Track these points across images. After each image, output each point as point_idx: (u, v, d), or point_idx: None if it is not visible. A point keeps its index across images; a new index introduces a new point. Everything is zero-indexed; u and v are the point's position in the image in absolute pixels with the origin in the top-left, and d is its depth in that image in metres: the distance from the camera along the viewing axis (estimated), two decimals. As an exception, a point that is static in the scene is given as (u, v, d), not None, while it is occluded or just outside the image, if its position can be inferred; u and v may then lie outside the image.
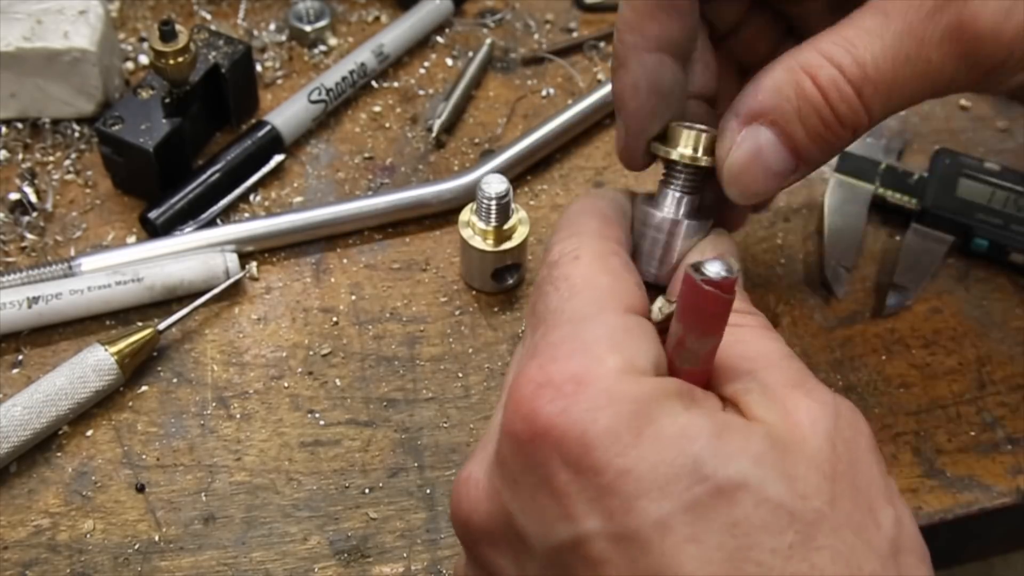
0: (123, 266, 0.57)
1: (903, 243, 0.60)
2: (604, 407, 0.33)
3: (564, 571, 0.33)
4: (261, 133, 0.63)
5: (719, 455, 0.32)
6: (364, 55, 0.67)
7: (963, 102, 0.68)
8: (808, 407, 0.35)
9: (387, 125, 0.67)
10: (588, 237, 0.40)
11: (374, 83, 0.68)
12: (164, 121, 0.59)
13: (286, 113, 0.64)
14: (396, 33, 0.69)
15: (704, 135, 0.43)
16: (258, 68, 0.68)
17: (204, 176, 0.61)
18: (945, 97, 0.44)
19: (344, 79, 0.66)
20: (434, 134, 0.65)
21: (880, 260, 0.60)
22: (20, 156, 0.63)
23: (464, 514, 0.37)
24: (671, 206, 0.43)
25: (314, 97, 0.64)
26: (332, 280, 0.59)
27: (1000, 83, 0.41)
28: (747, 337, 0.38)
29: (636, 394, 0.33)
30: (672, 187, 0.44)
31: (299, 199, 0.62)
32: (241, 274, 0.58)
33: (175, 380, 0.55)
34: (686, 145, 0.43)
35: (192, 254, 0.58)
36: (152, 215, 0.59)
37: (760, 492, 0.32)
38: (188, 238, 0.58)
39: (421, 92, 0.68)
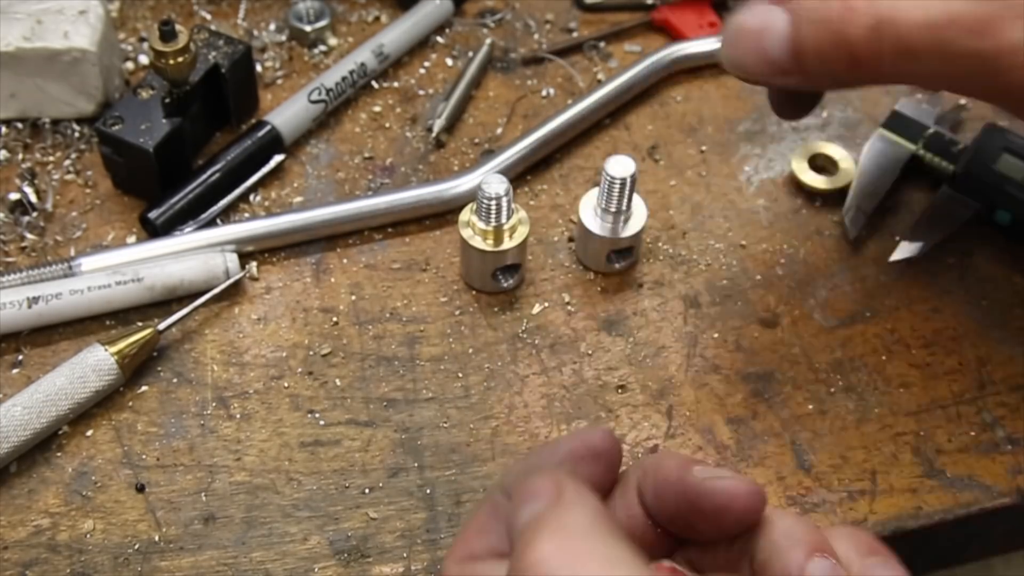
0: (123, 266, 0.57)
1: (928, 201, 0.61)
2: None
3: None
4: (261, 133, 0.63)
5: None
6: (364, 55, 0.67)
7: None
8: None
9: (387, 125, 0.67)
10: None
11: (374, 83, 0.68)
12: (164, 121, 0.59)
13: (286, 113, 0.64)
14: (396, 33, 0.69)
15: None
16: (258, 68, 0.68)
17: (204, 176, 0.61)
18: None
19: (344, 79, 0.66)
20: (434, 134, 0.65)
21: (901, 215, 0.62)
22: (20, 156, 0.63)
23: None
24: None
25: (314, 97, 0.64)
26: (332, 280, 0.59)
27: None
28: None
29: None
30: None
31: (299, 199, 0.62)
32: (241, 274, 0.58)
33: (175, 380, 0.55)
34: None
35: (192, 254, 0.58)
36: (152, 215, 0.59)
37: None
38: (188, 238, 0.58)
39: (421, 92, 0.68)
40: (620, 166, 0.55)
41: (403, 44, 0.69)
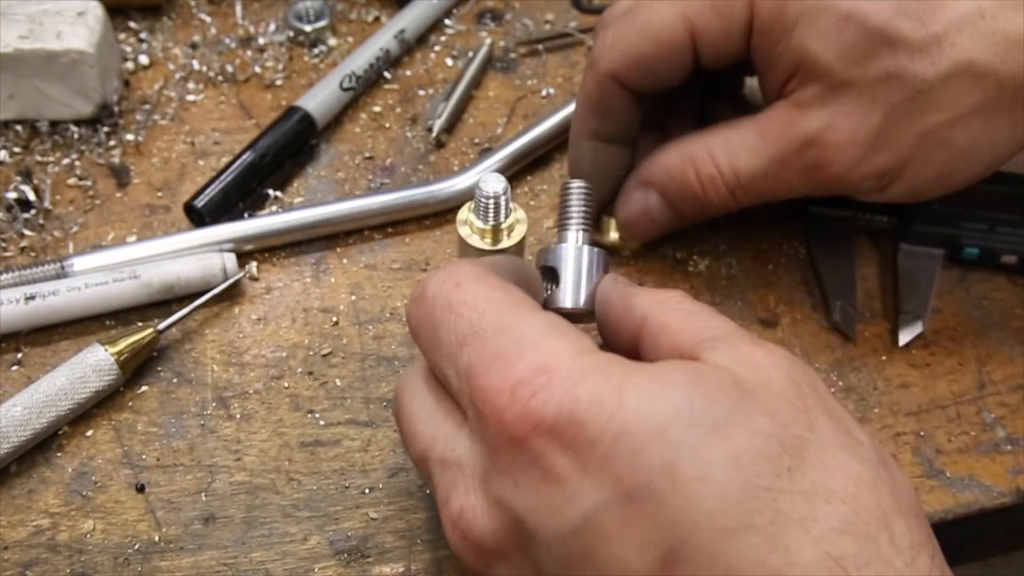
0: (117, 266, 0.57)
1: (897, 268, 0.59)
2: (580, 382, 0.34)
3: (583, 560, 0.34)
4: (295, 119, 0.63)
5: (704, 398, 0.34)
6: (385, 39, 0.68)
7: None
8: (766, 355, 0.37)
9: (387, 125, 0.67)
10: (455, 267, 0.41)
11: (376, 81, 0.69)
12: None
13: (318, 98, 0.65)
14: (414, 15, 0.70)
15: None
16: (257, 68, 0.68)
17: (240, 161, 0.61)
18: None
19: (371, 65, 0.67)
20: (434, 134, 0.65)
21: (880, 287, 0.59)
22: (19, 157, 0.63)
23: (473, 542, 0.37)
24: (575, 240, 0.49)
25: (345, 84, 0.65)
26: (332, 280, 0.59)
27: (852, 196, 0.53)
28: (704, 314, 0.40)
29: (601, 364, 0.35)
30: (571, 219, 0.50)
31: (299, 199, 0.62)
32: (240, 274, 0.58)
33: (175, 380, 0.55)
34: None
35: (189, 253, 0.58)
36: (197, 203, 0.59)
37: (749, 426, 0.33)
38: (186, 237, 0.58)
39: (421, 92, 0.68)
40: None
41: (421, 26, 0.70)
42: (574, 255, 0.48)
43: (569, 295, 0.48)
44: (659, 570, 0.32)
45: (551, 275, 0.49)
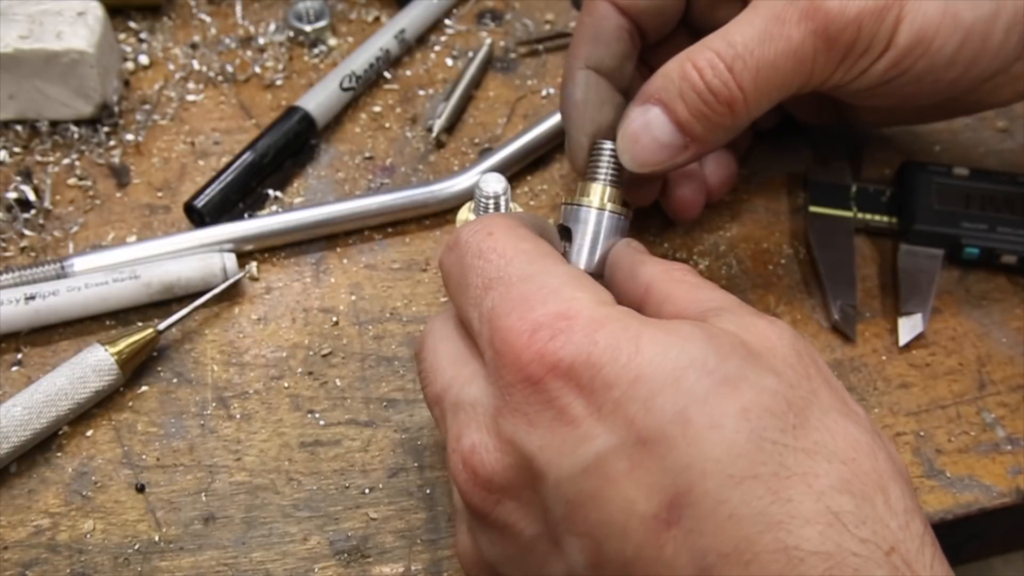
0: (118, 266, 0.57)
1: (897, 268, 0.59)
2: (598, 329, 0.36)
3: (590, 500, 0.35)
4: (295, 119, 0.64)
5: (716, 353, 0.35)
6: (385, 39, 0.68)
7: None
8: (769, 325, 0.38)
9: (387, 125, 0.67)
10: (489, 218, 0.43)
11: (376, 81, 0.69)
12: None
13: (318, 98, 0.65)
14: (414, 15, 0.70)
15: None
16: (257, 68, 0.68)
17: (240, 161, 0.61)
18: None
19: (371, 65, 0.67)
20: (434, 134, 0.65)
21: (880, 287, 0.59)
22: (19, 157, 0.63)
23: (484, 480, 0.38)
24: (596, 198, 0.50)
25: (345, 84, 0.66)
26: (332, 280, 0.59)
27: (861, 71, 0.49)
28: (708, 287, 0.42)
29: (619, 315, 0.36)
30: (597, 180, 0.50)
31: (299, 199, 0.62)
32: (240, 274, 0.58)
33: (175, 380, 0.55)
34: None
35: (189, 253, 0.58)
36: (197, 203, 0.59)
37: (757, 382, 0.34)
38: (186, 237, 0.58)
39: (421, 92, 0.68)
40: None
41: (421, 26, 0.70)
42: (594, 217, 0.50)
43: (582, 256, 0.50)
44: (664, 514, 0.33)
45: (568, 234, 0.50)
